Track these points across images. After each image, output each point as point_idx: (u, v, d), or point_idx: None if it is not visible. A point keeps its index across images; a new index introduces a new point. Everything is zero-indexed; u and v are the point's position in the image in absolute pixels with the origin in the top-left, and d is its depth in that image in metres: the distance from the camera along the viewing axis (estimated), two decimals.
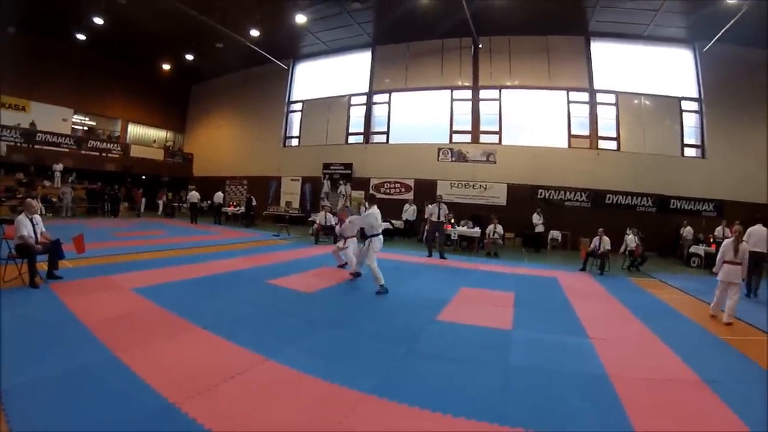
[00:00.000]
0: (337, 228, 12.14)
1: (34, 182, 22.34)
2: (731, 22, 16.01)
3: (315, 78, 27.09)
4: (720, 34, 16.97)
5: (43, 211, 16.12)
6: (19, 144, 23.03)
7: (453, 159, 21.95)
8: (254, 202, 23.42)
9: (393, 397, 3.83)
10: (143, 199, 25.87)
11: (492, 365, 4.90)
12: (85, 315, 5.65)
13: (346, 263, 10.68)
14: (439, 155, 22.22)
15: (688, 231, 17.39)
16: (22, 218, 7.37)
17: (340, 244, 10.91)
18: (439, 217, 14.35)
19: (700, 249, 16.06)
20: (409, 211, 19.88)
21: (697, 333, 6.88)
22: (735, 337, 6.56)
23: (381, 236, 9.00)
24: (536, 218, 18.15)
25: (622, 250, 14.18)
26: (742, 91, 18.44)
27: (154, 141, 32.22)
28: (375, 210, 9.04)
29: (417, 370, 4.64)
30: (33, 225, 7.44)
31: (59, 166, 22.85)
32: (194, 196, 23.49)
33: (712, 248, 14.68)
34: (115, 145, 28.45)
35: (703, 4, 16.61)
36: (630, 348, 5.85)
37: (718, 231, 15.29)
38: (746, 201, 17.79)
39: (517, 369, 4.83)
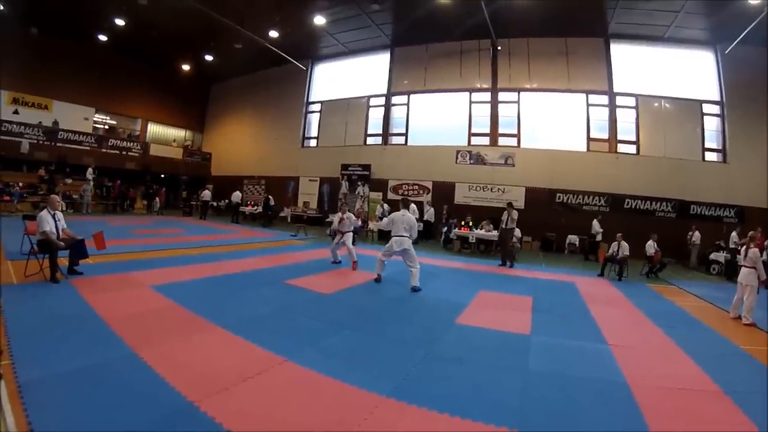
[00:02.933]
0: (335, 222, 12.39)
1: (55, 179, 22.67)
2: (754, 23, 15.71)
3: (333, 79, 27.15)
4: (742, 35, 16.67)
5: (64, 207, 16.31)
6: (41, 142, 23.39)
7: (471, 162, 21.87)
8: (272, 202, 23.59)
9: (412, 401, 3.82)
10: (156, 199, 26.11)
11: (510, 370, 4.87)
12: (104, 311, 5.72)
13: (341, 261, 11.69)
14: (457, 158, 22.14)
15: (696, 236, 17.18)
16: (45, 214, 7.47)
17: (338, 239, 11.64)
18: (506, 224, 13.90)
19: (720, 256, 15.84)
20: (431, 212, 19.71)
21: (717, 341, 6.80)
22: (755, 346, 6.47)
23: (395, 238, 9.16)
24: (596, 226, 17.32)
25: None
26: (766, 94, 18.07)
27: (174, 140, 32.57)
28: (396, 213, 9.38)
29: (436, 373, 4.63)
30: (55, 221, 7.53)
31: (90, 171, 23.16)
32: (206, 194, 24.28)
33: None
34: (135, 143, 28.80)
35: (725, 5, 16.36)
36: (649, 355, 5.79)
37: (733, 237, 15.06)
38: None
39: (536, 374, 4.80)
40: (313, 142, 27.79)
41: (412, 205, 18.34)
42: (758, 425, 3.83)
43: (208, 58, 26.64)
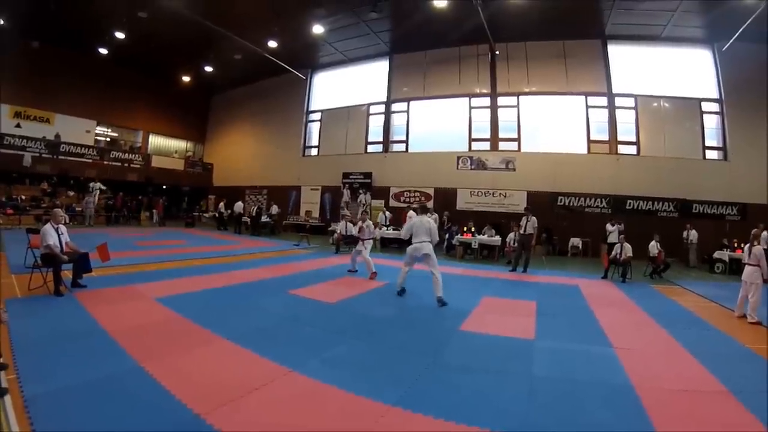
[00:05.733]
0: (355, 231, 12.36)
1: (57, 192, 22.79)
2: (750, 20, 15.74)
3: (333, 87, 27.27)
4: (739, 32, 16.70)
5: (68, 220, 16.40)
6: (43, 155, 23.49)
7: (472, 167, 21.91)
8: (275, 210, 24.02)
9: (418, 409, 3.81)
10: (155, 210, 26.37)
11: (516, 376, 4.86)
12: (109, 324, 5.73)
13: (357, 270, 11.51)
14: (458, 163, 22.19)
15: (693, 235, 17.15)
16: (48, 228, 7.51)
17: (359, 247, 11.51)
18: (525, 230, 13.79)
19: (724, 254, 15.80)
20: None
21: (722, 341, 6.77)
22: (761, 345, 6.44)
23: (415, 245, 8.69)
24: (610, 227, 16.56)
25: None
26: (764, 90, 18.01)
27: (175, 151, 32.74)
28: (415, 219, 9.00)
29: (441, 381, 4.62)
30: (58, 234, 7.56)
31: (97, 185, 23.23)
32: (222, 206, 25.33)
33: (738, 253, 14.40)
34: (137, 155, 28.95)
35: (721, 2, 16.40)
36: (655, 357, 5.76)
37: (765, 236, 14.63)
38: None
39: (541, 380, 4.78)
40: (314, 151, 27.87)
41: (433, 215, 18.37)
42: (765, 423, 3.81)
43: (208, 69, 26.71)
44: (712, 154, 19.66)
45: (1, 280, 7.57)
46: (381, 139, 24.85)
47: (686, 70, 20.07)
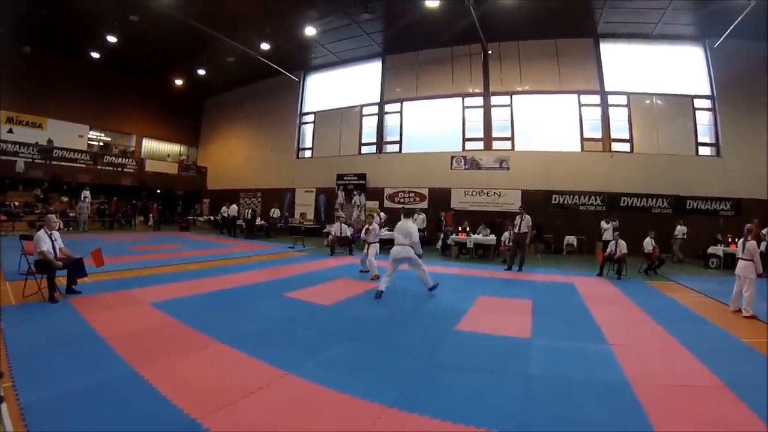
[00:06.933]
0: (363, 235, 12.55)
1: (50, 198, 22.69)
2: (741, 16, 15.84)
3: (326, 89, 27.24)
4: (730, 29, 16.80)
5: (61, 226, 16.35)
6: (36, 160, 23.40)
7: (466, 167, 21.91)
8: (276, 213, 24.08)
9: (414, 410, 3.81)
10: (150, 214, 26.32)
11: (512, 375, 4.85)
12: (104, 330, 5.71)
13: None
14: (452, 163, 22.19)
15: (679, 230, 17.30)
16: (42, 234, 7.49)
17: (367, 250, 11.70)
18: (520, 229, 13.75)
19: (718, 249, 15.87)
20: (419, 220, 19.81)
21: (719, 336, 6.79)
22: (756, 339, 6.47)
23: (394, 247, 9.09)
24: (604, 225, 16.96)
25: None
26: (756, 86, 18.17)
27: (168, 155, 32.57)
28: (400, 223, 9.33)
29: (438, 381, 4.62)
30: (52, 241, 7.53)
31: (87, 193, 23.11)
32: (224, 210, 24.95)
33: (732, 248, 14.47)
34: (130, 160, 28.83)
35: (711, 0, 16.53)
36: (651, 354, 5.78)
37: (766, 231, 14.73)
38: (764, 198, 17.61)
39: (538, 378, 4.78)
40: (308, 153, 27.82)
41: (420, 215, 18.37)
42: (763, 420, 3.81)
43: (201, 72, 26.69)
44: (705, 151, 19.75)
45: None
46: (375, 140, 24.85)
47: (678, 68, 20.15)
